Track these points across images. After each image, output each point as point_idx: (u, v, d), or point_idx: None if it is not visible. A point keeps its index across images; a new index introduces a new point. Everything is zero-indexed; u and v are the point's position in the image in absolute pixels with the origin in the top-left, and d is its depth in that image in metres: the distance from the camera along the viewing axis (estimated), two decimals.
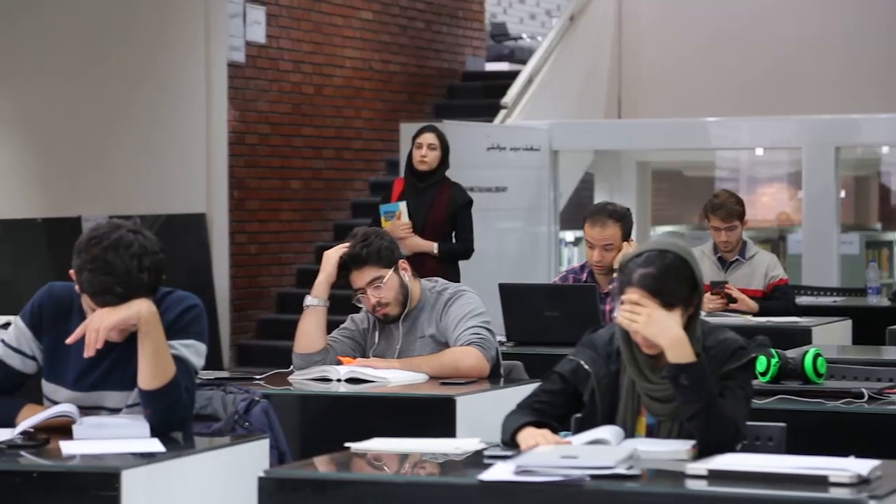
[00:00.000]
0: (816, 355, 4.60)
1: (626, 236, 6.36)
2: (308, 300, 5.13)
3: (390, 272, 5.03)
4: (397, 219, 7.85)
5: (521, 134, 10.81)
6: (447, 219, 7.97)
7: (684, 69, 12.47)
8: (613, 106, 12.87)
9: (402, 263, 5.09)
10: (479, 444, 3.65)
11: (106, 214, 8.77)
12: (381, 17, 12.02)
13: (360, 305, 5.10)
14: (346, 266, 5.05)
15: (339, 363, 5.02)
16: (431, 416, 4.59)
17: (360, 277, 5.04)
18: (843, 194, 11.20)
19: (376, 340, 5.14)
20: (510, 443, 3.62)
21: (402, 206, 7.90)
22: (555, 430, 3.64)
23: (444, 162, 8.06)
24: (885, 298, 8.62)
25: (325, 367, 4.99)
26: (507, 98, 11.55)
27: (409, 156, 8.08)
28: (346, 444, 3.66)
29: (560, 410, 3.75)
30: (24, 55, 8.94)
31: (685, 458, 3.45)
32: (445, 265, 7.87)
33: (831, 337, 6.88)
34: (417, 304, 5.10)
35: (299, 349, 5.10)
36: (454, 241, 8.05)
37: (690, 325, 3.64)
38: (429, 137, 8.02)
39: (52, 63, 9.12)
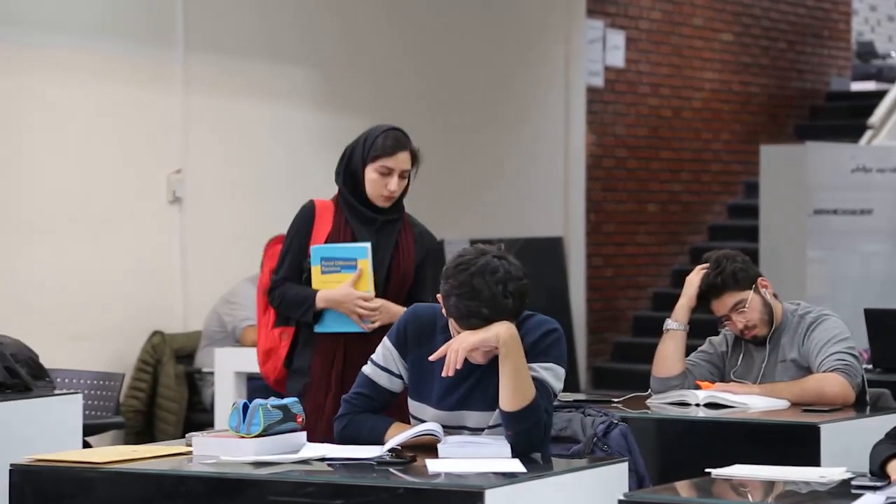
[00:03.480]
0: None
1: None
2: (668, 324, 5.11)
3: (751, 293, 4.97)
4: (357, 276, 4.74)
5: (889, 154, 10.46)
6: (412, 272, 4.93)
7: None
8: None
9: (762, 281, 5.03)
10: (846, 473, 3.55)
11: (467, 238, 8.97)
12: (741, 38, 11.88)
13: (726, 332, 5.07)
14: (706, 296, 5.02)
15: (698, 387, 4.97)
16: (794, 443, 4.49)
17: (722, 305, 4.99)
18: None
19: (736, 363, 5.08)
20: (878, 473, 3.50)
21: (368, 250, 4.76)
22: None
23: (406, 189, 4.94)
24: None
25: (683, 392, 4.95)
26: (874, 118, 11.20)
27: (353, 177, 4.83)
28: (707, 470, 3.62)
29: None
30: (387, 84, 9.24)
31: None
32: None
33: None
34: (779, 325, 5.01)
35: (658, 373, 5.08)
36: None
37: None
38: (403, 161, 4.82)
39: (413, 91, 9.40)
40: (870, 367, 5.92)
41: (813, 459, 4.37)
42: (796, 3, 12.47)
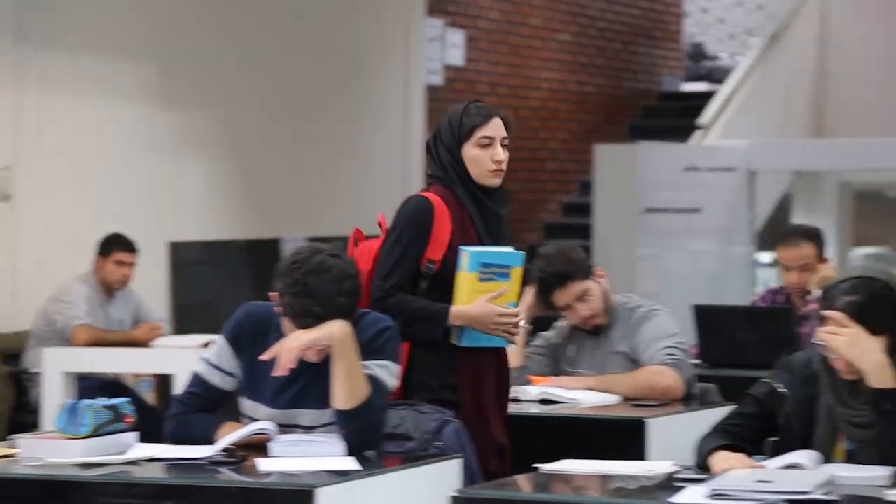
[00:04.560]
0: None
1: (820, 254, 6.28)
2: None
3: (592, 282, 5.06)
4: (505, 287, 4.30)
5: (719, 154, 10.69)
6: None
7: (888, 86, 12.18)
8: (814, 125, 12.64)
9: (598, 271, 5.12)
10: (672, 466, 3.62)
11: (304, 236, 8.94)
12: (578, 38, 12.03)
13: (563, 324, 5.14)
14: (551, 286, 5.06)
15: (530, 383, 5.03)
16: (623, 438, 4.57)
17: (567, 294, 5.05)
18: None
19: (570, 355, 5.16)
20: (703, 466, 3.59)
21: (523, 258, 4.36)
22: (749, 454, 3.60)
23: None
24: None
25: (517, 387, 5.01)
26: (705, 118, 11.44)
27: (455, 166, 4.36)
28: (535, 465, 3.67)
29: (754, 434, 3.70)
30: (227, 80, 9.17)
31: (885, 484, 3.37)
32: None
33: None
34: (612, 318, 5.11)
35: None
36: None
37: (894, 351, 3.57)
38: (499, 127, 4.38)
39: (255, 87, 9.34)
40: (698, 362, 6.04)
41: (641, 453, 4.46)
42: (630, 5, 12.67)
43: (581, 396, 4.91)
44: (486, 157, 4.29)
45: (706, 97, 12.05)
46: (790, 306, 6.22)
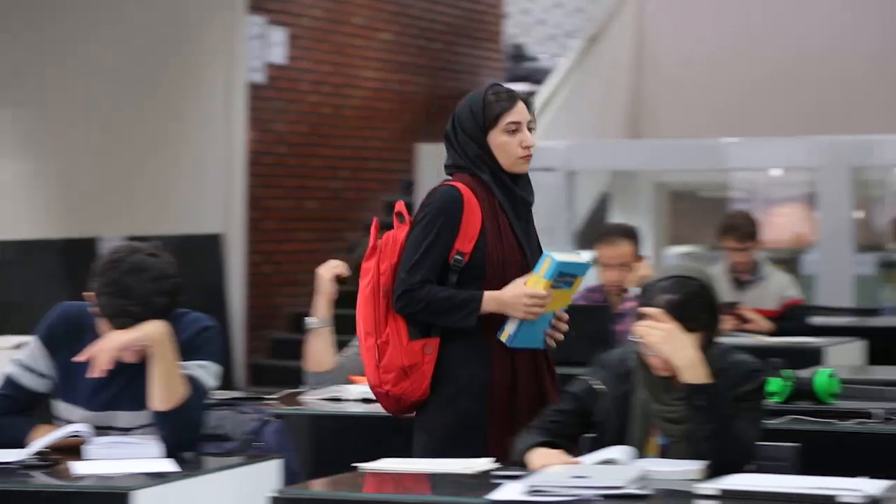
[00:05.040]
0: (829, 375, 4.59)
1: (637, 253, 6.40)
2: (309, 322, 5.15)
3: None
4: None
5: (538, 154, 10.76)
6: None
7: (702, 90, 12.47)
8: (631, 127, 12.88)
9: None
10: (490, 463, 3.66)
11: (123, 236, 8.80)
12: (400, 37, 12.05)
13: None
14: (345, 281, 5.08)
15: (351, 382, 5.03)
16: None
17: None
18: (859, 214, 11.18)
19: None
20: (522, 463, 3.62)
21: (590, 268, 4.34)
22: (566, 451, 3.65)
23: None
24: None
25: (338, 387, 5.00)
26: None
27: (482, 155, 4.19)
28: (354, 465, 3.67)
29: (571, 430, 3.76)
30: (43, 76, 8.98)
31: (696, 478, 3.45)
32: None
33: (845, 357, 6.86)
34: None
35: (309, 368, 5.13)
36: None
37: (706, 348, 3.65)
38: (525, 111, 4.21)
39: (69, 84, 9.16)
40: None
41: None
42: (451, 5, 12.75)
43: None
44: (514, 144, 4.10)
45: None
46: (607, 304, 6.31)
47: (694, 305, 3.65)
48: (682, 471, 3.48)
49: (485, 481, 3.47)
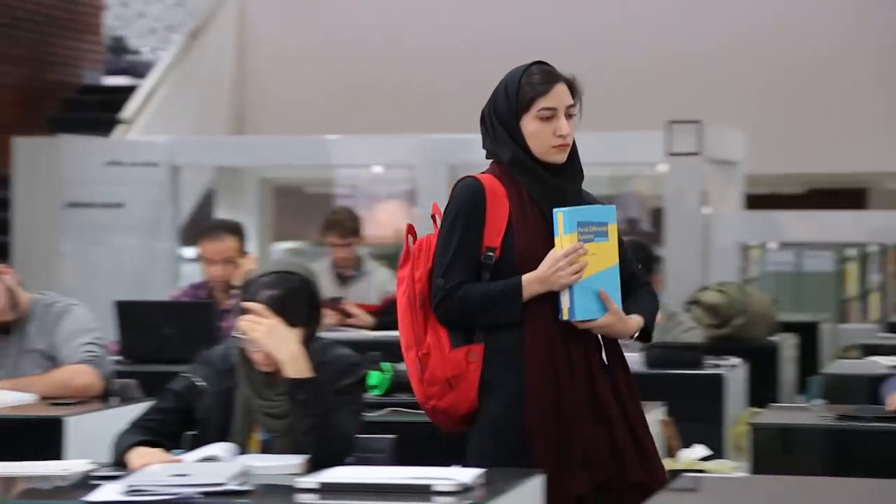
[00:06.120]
0: None
1: (242, 249, 6.42)
2: None
3: None
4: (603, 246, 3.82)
5: (141, 149, 10.64)
6: None
7: (307, 86, 12.58)
8: (236, 122, 12.86)
9: (3, 268, 4.96)
10: (89, 465, 3.58)
11: None
12: None
13: None
14: None
15: None
16: (40, 438, 4.48)
17: None
18: None
19: None
20: (121, 463, 3.57)
21: (615, 211, 3.86)
22: (167, 449, 3.62)
23: None
24: None
25: None
26: (126, 113, 11.36)
27: (514, 140, 3.82)
28: None
29: (173, 428, 3.73)
30: None
31: (297, 472, 3.48)
32: None
33: None
34: (26, 315, 4.98)
35: None
36: None
37: (308, 342, 3.70)
38: (563, 95, 3.82)
39: None
40: (119, 358, 6.01)
41: (59, 453, 4.38)
42: None
43: None
44: (547, 132, 3.71)
45: (128, 91, 11.96)
46: (211, 301, 6.30)
47: (295, 300, 3.69)
48: (282, 465, 3.51)
49: (83, 483, 3.41)
